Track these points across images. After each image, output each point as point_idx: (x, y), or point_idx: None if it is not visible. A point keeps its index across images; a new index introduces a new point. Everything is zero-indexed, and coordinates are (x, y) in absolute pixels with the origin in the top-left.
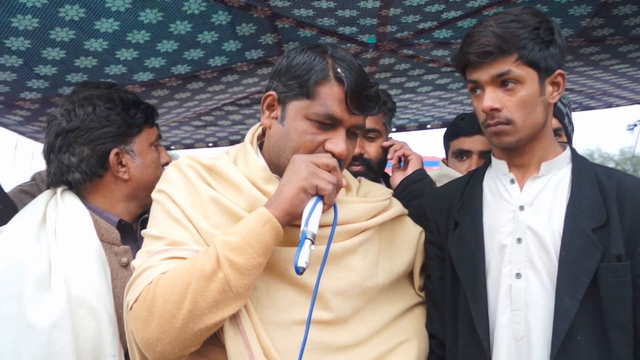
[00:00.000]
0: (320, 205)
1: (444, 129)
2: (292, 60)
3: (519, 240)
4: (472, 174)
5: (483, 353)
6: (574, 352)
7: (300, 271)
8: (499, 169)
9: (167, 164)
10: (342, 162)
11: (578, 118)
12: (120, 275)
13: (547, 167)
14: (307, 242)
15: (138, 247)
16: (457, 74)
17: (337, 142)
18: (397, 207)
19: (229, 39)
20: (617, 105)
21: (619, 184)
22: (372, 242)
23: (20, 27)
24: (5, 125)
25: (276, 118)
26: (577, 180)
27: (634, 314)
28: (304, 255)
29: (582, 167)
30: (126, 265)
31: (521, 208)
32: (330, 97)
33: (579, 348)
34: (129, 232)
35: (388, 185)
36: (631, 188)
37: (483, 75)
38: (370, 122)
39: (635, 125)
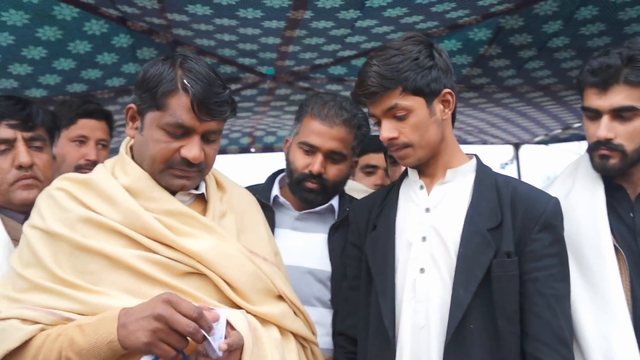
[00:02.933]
0: None
1: None
2: (146, 73)
3: (424, 238)
4: (392, 185)
5: (389, 341)
6: (466, 338)
7: None
8: (412, 177)
9: (20, 165)
10: (203, 165)
11: None
12: None
13: (452, 174)
14: None
15: None
16: None
17: (191, 148)
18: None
19: (129, 62)
20: (491, 143)
21: (514, 190)
22: None
23: None
24: None
25: (137, 129)
26: (478, 186)
27: (520, 306)
28: None
29: (484, 175)
30: None
31: (427, 210)
32: (179, 107)
33: (472, 335)
34: None
35: (342, 204)
36: (524, 194)
37: (376, 110)
38: (338, 145)
39: (507, 164)
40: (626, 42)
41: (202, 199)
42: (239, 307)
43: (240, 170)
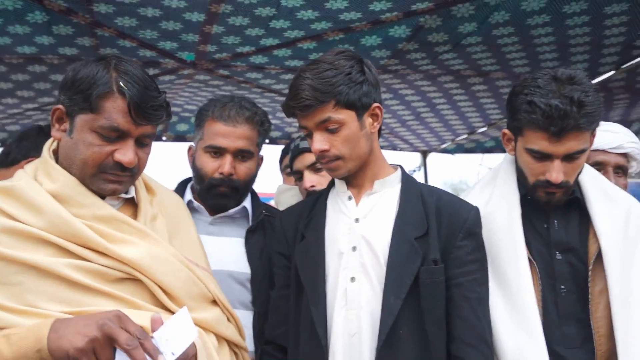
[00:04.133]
0: None
1: None
2: (77, 74)
3: (354, 248)
4: (319, 195)
5: (321, 349)
6: (397, 343)
7: None
8: (339, 188)
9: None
10: (136, 169)
11: None
12: None
13: (379, 185)
14: None
15: None
16: (265, 94)
17: (125, 152)
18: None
19: (43, 34)
20: (401, 149)
21: (438, 199)
22: None
23: None
24: None
25: (65, 130)
26: (404, 196)
27: (446, 310)
28: None
29: (409, 185)
30: None
31: (357, 220)
32: (114, 110)
33: (402, 340)
34: None
35: (256, 207)
36: (447, 203)
37: (309, 122)
38: (245, 144)
39: (414, 170)
40: (551, 71)
41: (131, 203)
42: (173, 313)
43: (153, 159)
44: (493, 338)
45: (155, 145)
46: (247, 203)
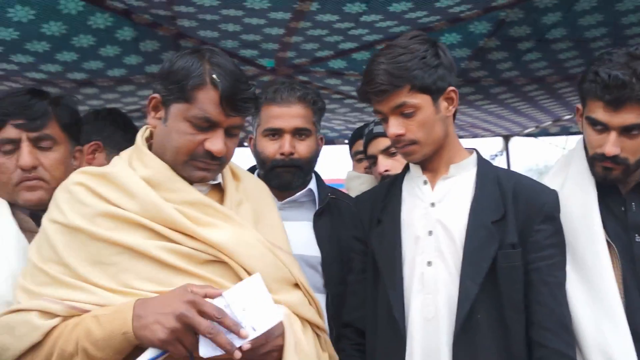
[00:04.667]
0: (163, 358)
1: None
2: (173, 65)
3: (430, 232)
4: (394, 180)
5: (399, 334)
6: (475, 328)
7: None
8: (414, 172)
9: (21, 167)
10: (223, 158)
11: None
12: None
13: (455, 169)
14: None
15: None
16: (345, 101)
17: (215, 142)
18: None
19: (131, 54)
20: (482, 136)
21: (516, 183)
22: None
23: None
24: None
25: (160, 119)
26: (480, 180)
27: (525, 295)
28: None
29: (485, 169)
30: None
31: (432, 205)
32: (207, 101)
33: (479, 325)
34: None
35: (321, 186)
36: (525, 187)
37: (384, 107)
38: (300, 122)
39: (496, 155)
40: (632, 47)
41: (218, 189)
42: None
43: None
44: (573, 324)
45: (239, 150)
46: (312, 186)
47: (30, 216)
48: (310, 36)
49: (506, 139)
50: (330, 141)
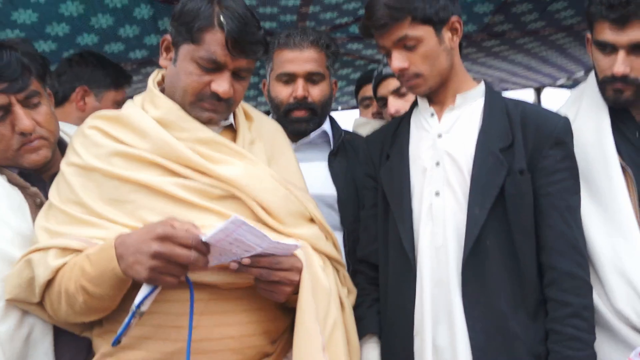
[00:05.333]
0: (158, 290)
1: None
2: (184, 7)
3: (438, 163)
4: (402, 116)
5: (409, 264)
6: (483, 254)
7: (115, 344)
8: (422, 106)
9: (22, 132)
10: (231, 100)
11: None
12: (36, 215)
13: (461, 100)
14: (135, 319)
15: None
16: (370, 66)
17: (221, 83)
18: None
19: (151, 33)
20: (511, 89)
21: (524, 111)
22: None
23: None
24: None
25: (171, 60)
26: (488, 109)
27: (535, 221)
28: (128, 330)
29: (493, 98)
30: (40, 206)
31: (439, 136)
32: (213, 42)
33: (488, 251)
34: (36, 182)
35: (335, 127)
36: (534, 114)
37: (386, 41)
38: (313, 66)
39: None
40: None
41: (231, 130)
42: (272, 230)
43: None
44: (587, 246)
45: None
46: (326, 127)
47: (18, 173)
48: (327, 5)
49: (538, 91)
50: (355, 107)
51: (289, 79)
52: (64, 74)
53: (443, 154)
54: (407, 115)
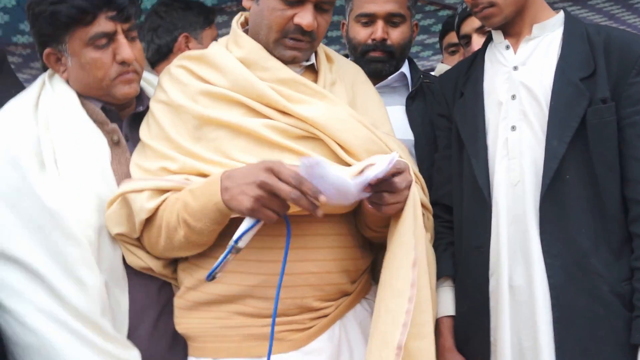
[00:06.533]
0: (259, 226)
1: None
2: None
3: (514, 96)
4: (477, 52)
5: (485, 202)
6: (563, 189)
7: (210, 279)
8: (496, 39)
9: (124, 61)
10: (313, 34)
11: None
12: (114, 152)
13: (538, 29)
14: (231, 255)
15: (125, 135)
16: (440, 13)
17: (304, 16)
18: None
19: None
20: None
21: (607, 36)
22: None
23: None
24: None
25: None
26: (567, 38)
27: (619, 152)
28: (224, 266)
29: (573, 26)
30: (117, 143)
31: (515, 68)
32: None
33: (568, 185)
34: (114, 119)
35: (413, 70)
36: (618, 38)
37: None
38: (394, 7)
39: None
40: None
41: (312, 71)
42: None
43: None
44: None
45: None
46: (405, 70)
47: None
48: None
49: None
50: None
51: (369, 19)
52: (159, 27)
53: (519, 86)
54: (482, 51)
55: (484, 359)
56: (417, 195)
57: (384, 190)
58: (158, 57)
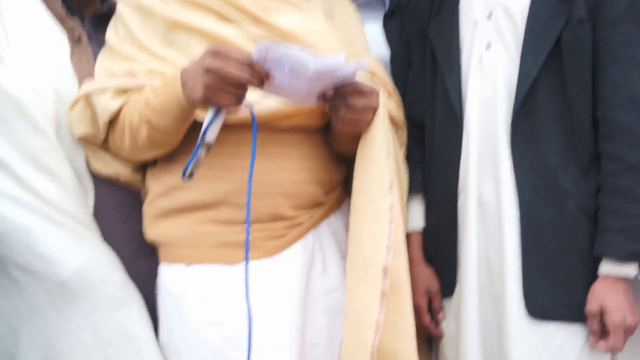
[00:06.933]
0: (221, 116)
1: None
2: None
3: (490, 15)
4: None
5: (456, 118)
6: (535, 108)
7: (184, 178)
8: None
9: None
10: None
11: None
12: (75, 49)
13: None
14: (203, 151)
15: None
16: None
17: None
18: None
19: None
20: None
21: None
22: None
23: None
24: None
25: None
26: None
27: (593, 75)
28: (197, 164)
29: None
30: (78, 40)
31: None
32: None
33: (540, 104)
34: (77, 16)
35: None
36: None
37: None
38: None
39: None
40: None
41: None
42: None
43: None
44: None
45: None
46: None
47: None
48: None
49: None
50: None
51: None
52: None
53: (496, 4)
54: None
55: (451, 270)
56: (387, 120)
57: (341, 103)
58: None
